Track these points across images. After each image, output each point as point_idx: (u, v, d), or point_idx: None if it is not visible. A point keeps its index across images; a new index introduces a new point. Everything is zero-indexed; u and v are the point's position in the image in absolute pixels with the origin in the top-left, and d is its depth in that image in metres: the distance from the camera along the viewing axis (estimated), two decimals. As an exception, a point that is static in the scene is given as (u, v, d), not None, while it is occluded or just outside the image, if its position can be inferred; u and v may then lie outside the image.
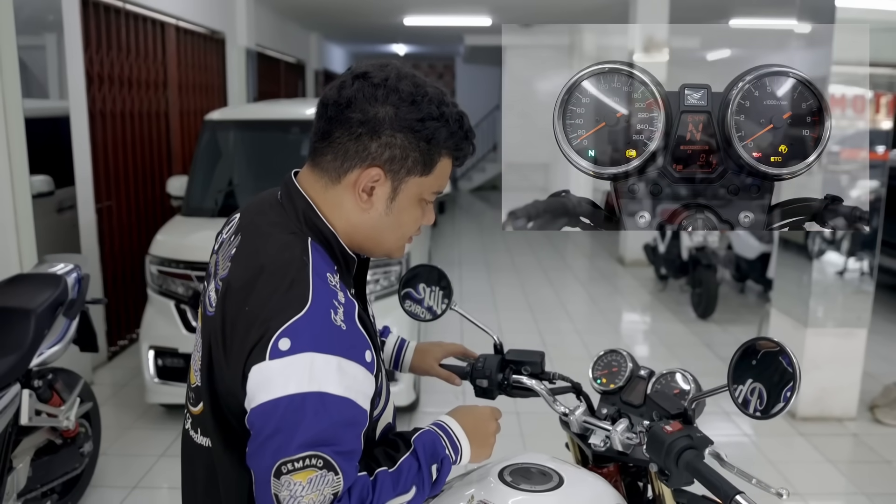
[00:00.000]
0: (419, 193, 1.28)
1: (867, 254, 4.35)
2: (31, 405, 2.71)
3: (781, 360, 1.24)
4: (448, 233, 11.03)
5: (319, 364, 1.10)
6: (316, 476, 1.10)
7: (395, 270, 4.24)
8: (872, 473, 3.83)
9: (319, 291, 1.16)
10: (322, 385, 1.10)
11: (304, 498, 1.09)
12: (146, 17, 5.92)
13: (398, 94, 1.22)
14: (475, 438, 1.35)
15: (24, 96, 3.92)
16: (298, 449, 1.09)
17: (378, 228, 1.29)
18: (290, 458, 1.09)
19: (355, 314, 1.19)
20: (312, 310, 1.13)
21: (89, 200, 5.03)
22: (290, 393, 1.09)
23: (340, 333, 1.14)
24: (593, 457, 1.55)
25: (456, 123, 1.27)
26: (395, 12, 10.62)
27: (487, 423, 1.40)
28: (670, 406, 1.37)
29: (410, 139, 1.22)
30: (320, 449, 1.10)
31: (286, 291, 1.15)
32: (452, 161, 1.31)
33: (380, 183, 1.24)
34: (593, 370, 1.69)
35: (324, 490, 1.10)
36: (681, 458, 1.23)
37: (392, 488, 1.20)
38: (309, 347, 1.10)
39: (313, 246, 1.23)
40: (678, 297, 7.29)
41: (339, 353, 1.12)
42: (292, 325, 1.11)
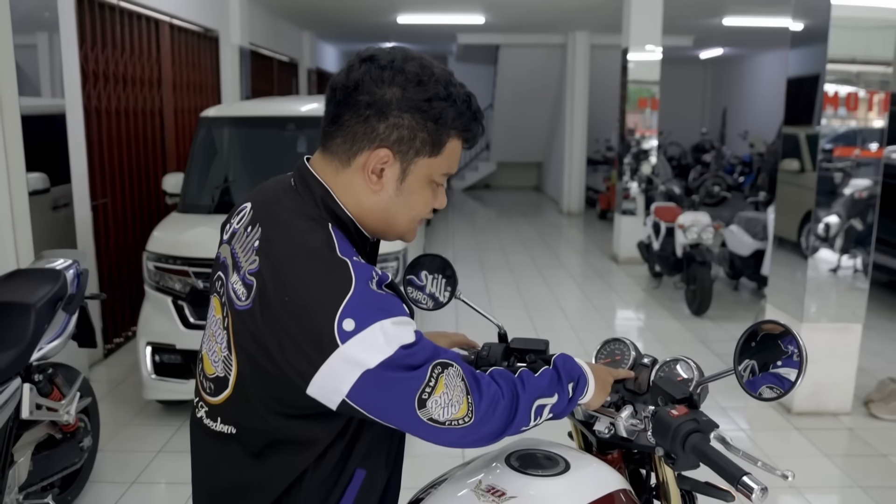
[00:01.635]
0: (429, 175, 1.30)
1: (861, 250, 4.38)
2: (32, 399, 2.71)
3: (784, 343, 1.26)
4: (441, 231, 11.04)
5: (388, 328, 1.15)
6: (446, 378, 1.19)
7: (392, 266, 4.25)
8: (868, 467, 3.86)
9: (358, 269, 1.19)
10: (400, 341, 1.16)
11: (452, 398, 1.19)
12: (140, 14, 5.91)
13: (404, 75, 1.23)
14: (598, 382, 1.44)
15: (19, 94, 3.92)
16: (420, 376, 1.17)
17: (389, 210, 1.31)
18: (422, 386, 1.17)
19: (386, 280, 1.24)
20: (359, 287, 1.17)
21: (85, 198, 5.02)
22: (379, 362, 1.14)
23: (387, 298, 1.20)
24: (598, 444, 1.56)
25: (464, 104, 1.27)
26: (388, 10, 10.62)
27: (607, 373, 1.50)
28: (676, 391, 1.38)
29: (418, 119, 1.24)
30: (430, 362, 1.19)
31: (327, 275, 1.18)
32: (462, 143, 1.31)
33: (389, 164, 1.26)
34: (596, 358, 1.71)
35: (457, 382, 1.20)
36: (687, 442, 1.24)
37: (538, 385, 1.31)
38: (373, 319, 1.15)
39: (334, 230, 1.25)
40: (672, 294, 7.32)
41: (394, 314, 1.17)
42: (348, 306, 1.15)
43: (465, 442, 1.22)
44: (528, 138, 15.94)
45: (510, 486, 1.29)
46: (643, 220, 8.54)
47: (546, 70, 14.31)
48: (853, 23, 4.20)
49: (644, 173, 9.05)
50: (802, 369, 1.20)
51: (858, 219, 4.38)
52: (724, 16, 10.77)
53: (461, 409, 1.20)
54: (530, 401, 1.28)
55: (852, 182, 4.35)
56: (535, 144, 16.22)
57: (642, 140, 9.10)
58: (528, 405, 1.28)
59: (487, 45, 14.05)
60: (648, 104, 8.98)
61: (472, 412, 1.20)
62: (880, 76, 4.30)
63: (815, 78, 4.39)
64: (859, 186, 4.35)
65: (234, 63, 8.26)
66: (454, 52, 16.56)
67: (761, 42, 14.38)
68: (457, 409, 1.19)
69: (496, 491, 1.28)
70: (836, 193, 4.34)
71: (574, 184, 13.32)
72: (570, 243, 10.67)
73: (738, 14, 10.62)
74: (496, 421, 1.23)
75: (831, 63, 4.23)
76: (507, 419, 1.24)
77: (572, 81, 13.00)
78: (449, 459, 3.90)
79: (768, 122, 14.60)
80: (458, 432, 1.20)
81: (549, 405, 1.32)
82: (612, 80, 10.73)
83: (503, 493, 1.27)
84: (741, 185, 13.46)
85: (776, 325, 1.26)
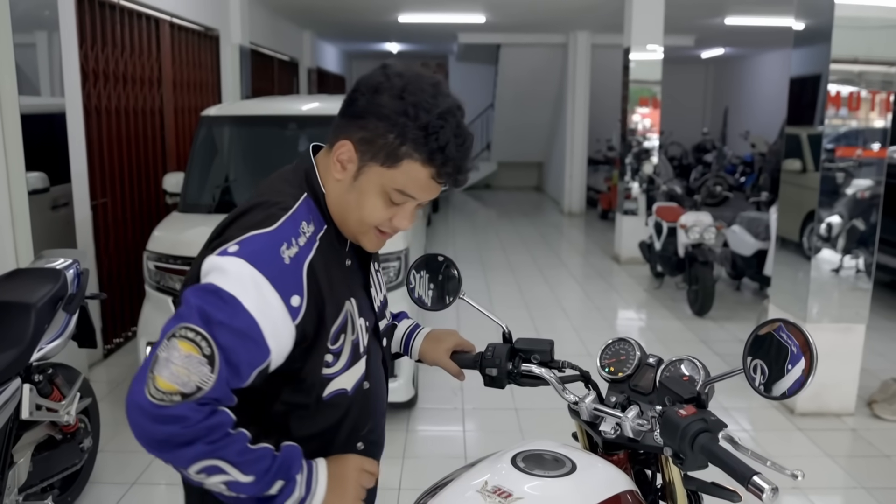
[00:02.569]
0: (380, 184, 1.33)
1: (864, 251, 4.36)
2: (32, 400, 2.69)
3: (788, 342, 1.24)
4: (442, 231, 11.03)
5: (246, 274, 1.21)
6: (195, 357, 1.16)
7: (393, 266, 4.23)
8: (871, 467, 3.84)
9: (286, 226, 1.29)
10: (238, 291, 1.20)
11: (174, 365, 1.15)
12: (141, 13, 5.90)
13: (391, 87, 1.30)
14: (335, 486, 1.33)
15: (19, 93, 3.91)
16: (196, 320, 1.17)
17: (342, 202, 1.38)
18: (186, 324, 1.17)
19: (306, 261, 1.29)
20: (270, 234, 1.27)
21: (85, 197, 5.01)
22: (213, 283, 1.21)
23: (280, 264, 1.25)
24: (603, 444, 1.55)
25: (434, 137, 1.28)
26: (389, 9, 10.61)
27: (354, 473, 1.37)
28: (683, 391, 1.36)
29: (381, 128, 1.29)
30: (213, 339, 1.17)
31: (260, 216, 1.31)
32: (431, 173, 1.31)
33: (349, 158, 1.34)
34: (601, 359, 1.69)
35: (192, 375, 1.15)
36: (696, 442, 1.22)
37: (239, 455, 1.21)
38: (246, 257, 1.23)
39: (306, 200, 1.37)
40: (674, 294, 7.30)
41: (266, 276, 1.23)
42: (247, 238, 1.26)
43: (132, 406, 1.16)
44: (529, 138, 15.92)
45: (517, 487, 1.27)
46: (645, 220, 8.52)
47: (547, 70, 14.29)
48: (857, 22, 4.18)
49: (645, 173, 9.03)
50: (812, 368, 1.19)
51: (861, 219, 4.36)
52: (726, 15, 10.75)
53: (164, 383, 1.14)
54: (206, 455, 1.18)
55: (854, 182, 4.33)
56: (536, 144, 16.20)
57: (643, 139, 9.09)
58: (199, 456, 1.18)
59: (488, 44, 14.03)
60: (650, 104, 8.97)
61: (160, 402, 1.14)
62: (884, 76, 4.29)
63: (818, 78, 4.37)
64: (861, 186, 4.34)
65: (235, 62, 8.24)
66: (455, 51, 16.55)
67: (763, 42, 14.36)
68: (165, 375, 1.15)
69: (503, 492, 1.26)
70: (838, 193, 4.32)
71: (575, 184, 13.30)
72: (572, 243, 10.66)
73: (740, 14, 10.60)
74: (164, 432, 1.15)
75: (834, 63, 4.22)
76: (169, 442, 1.16)
77: (573, 81, 12.98)
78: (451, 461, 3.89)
79: (770, 122, 14.58)
80: (143, 395, 1.15)
81: (232, 478, 1.21)
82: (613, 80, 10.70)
83: (510, 494, 1.25)
84: (742, 185, 13.45)
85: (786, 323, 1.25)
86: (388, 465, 3.80)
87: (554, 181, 15.14)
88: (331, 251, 1.37)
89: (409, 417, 4.35)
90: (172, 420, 1.14)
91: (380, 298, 1.57)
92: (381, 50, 17.42)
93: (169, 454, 1.17)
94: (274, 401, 1.37)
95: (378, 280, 1.59)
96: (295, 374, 1.34)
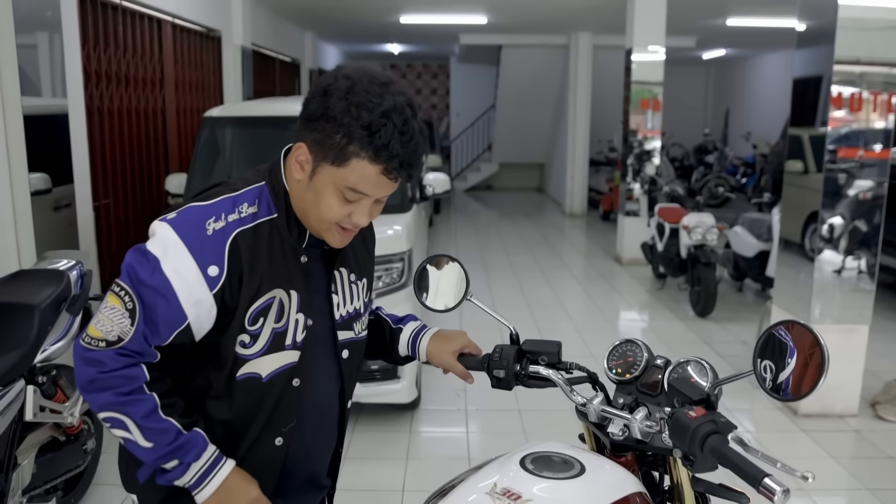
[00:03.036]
0: (333, 182, 1.38)
1: (866, 252, 4.36)
2: (36, 401, 2.69)
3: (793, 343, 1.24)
4: (444, 232, 11.02)
5: (169, 238, 1.35)
6: (118, 309, 1.34)
7: (396, 268, 4.23)
8: (875, 469, 3.84)
9: (223, 203, 1.40)
10: (160, 253, 1.34)
11: (101, 315, 1.35)
12: (143, 14, 5.90)
13: (338, 89, 1.34)
14: (223, 496, 1.42)
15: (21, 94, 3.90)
16: (124, 277, 1.36)
17: (302, 200, 1.44)
18: (117, 280, 1.37)
19: (231, 236, 1.37)
20: (203, 207, 1.39)
21: (87, 198, 5.00)
22: (145, 244, 1.37)
23: (202, 234, 1.36)
24: (611, 446, 1.54)
25: (378, 135, 1.32)
26: (390, 11, 10.60)
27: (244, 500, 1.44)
28: (692, 392, 1.36)
29: (329, 129, 1.34)
30: (136, 295, 1.34)
31: (206, 196, 1.43)
32: (381, 170, 1.35)
33: (305, 160, 1.40)
34: (608, 360, 1.68)
35: (114, 326, 1.34)
36: (706, 443, 1.22)
37: (144, 419, 1.35)
38: (174, 225, 1.36)
39: (260, 187, 1.46)
40: (676, 295, 7.30)
41: (186, 243, 1.34)
42: (184, 208, 1.40)
43: (74, 349, 1.37)
44: (531, 139, 15.92)
45: (526, 489, 1.27)
46: (647, 222, 8.52)
47: (549, 71, 14.29)
48: (860, 23, 4.18)
49: (647, 174, 9.03)
50: (824, 370, 1.18)
51: (863, 220, 4.35)
52: (728, 16, 10.74)
53: (93, 331, 1.35)
54: (115, 406, 1.35)
55: (856, 183, 4.33)
56: (538, 145, 16.19)
57: (645, 141, 9.08)
58: (108, 404, 1.35)
59: (490, 45, 14.03)
60: (651, 105, 8.96)
61: (87, 346, 1.34)
62: (887, 77, 4.28)
63: (821, 79, 4.37)
64: (863, 187, 4.33)
65: (237, 63, 8.24)
66: (456, 52, 16.55)
67: (764, 43, 14.36)
68: (95, 323, 1.35)
69: (512, 494, 1.26)
70: (841, 195, 4.32)
71: (577, 185, 13.30)
72: (573, 244, 10.65)
73: (742, 15, 10.59)
74: (87, 373, 1.33)
75: (838, 64, 4.21)
76: (92, 385, 1.34)
77: (575, 82, 12.98)
78: (455, 462, 3.89)
79: (771, 123, 14.57)
80: (79, 339, 1.36)
81: (129, 439, 1.36)
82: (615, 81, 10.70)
83: (519, 497, 1.25)
84: (744, 186, 13.44)
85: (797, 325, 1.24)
86: (392, 466, 3.80)
87: (555, 182, 15.14)
88: (275, 239, 1.44)
89: (412, 419, 4.34)
90: (93, 363, 1.33)
91: (347, 309, 1.59)
92: (383, 51, 17.42)
93: (88, 396, 1.35)
94: (196, 374, 1.46)
95: (348, 291, 1.60)
96: (214, 347, 1.42)
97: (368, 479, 3.67)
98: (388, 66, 19.64)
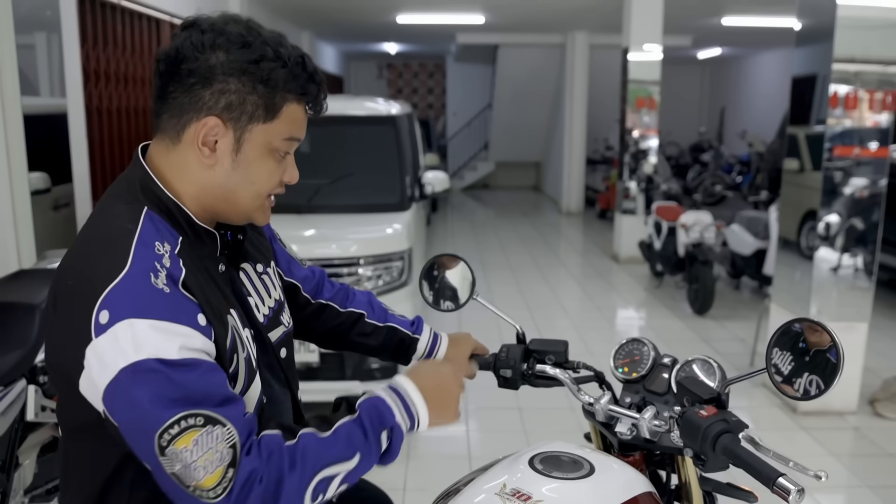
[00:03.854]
0: (268, 142, 1.20)
1: (863, 250, 4.37)
2: (37, 401, 2.67)
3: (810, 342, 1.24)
4: (441, 231, 11.02)
5: (142, 329, 1.03)
6: (201, 435, 1.02)
7: (396, 266, 4.23)
8: (875, 466, 3.85)
9: (139, 255, 1.09)
10: (152, 350, 1.03)
11: (198, 461, 1.01)
12: (142, 14, 5.88)
13: (226, 37, 1.16)
14: (435, 402, 1.27)
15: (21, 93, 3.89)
16: (164, 414, 1.01)
17: (227, 186, 1.21)
18: (162, 427, 1.00)
19: (180, 279, 1.11)
20: (129, 275, 1.06)
21: (86, 197, 4.99)
22: (123, 367, 1.01)
23: (162, 296, 1.07)
24: (619, 445, 1.54)
25: (298, 65, 1.20)
26: (387, 10, 10.60)
27: (449, 385, 1.31)
28: (702, 391, 1.36)
29: (245, 83, 1.16)
30: (189, 408, 1.02)
31: (103, 261, 1.09)
32: (304, 107, 1.23)
33: (220, 134, 1.17)
34: (614, 359, 1.68)
35: (218, 446, 1.03)
36: (718, 443, 1.22)
37: (325, 452, 1.12)
38: (127, 314, 1.03)
39: (148, 214, 1.16)
40: (674, 293, 7.31)
41: (160, 317, 1.05)
42: (108, 295, 1.04)
43: None
44: (527, 138, 15.93)
45: (536, 490, 1.26)
46: (644, 220, 8.52)
47: (545, 70, 14.30)
48: (859, 22, 4.19)
49: (644, 172, 9.04)
50: (840, 368, 1.18)
51: (859, 218, 4.36)
52: (724, 15, 10.76)
53: (209, 479, 1.02)
54: (306, 478, 1.09)
55: (853, 181, 4.34)
56: (534, 144, 16.20)
57: (641, 139, 9.09)
58: (301, 485, 1.08)
59: (486, 44, 14.03)
60: (647, 104, 8.97)
61: (225, 490, 1.03)
62: (886, 75, 4.29)
63: (821, 77, 4.37)
64: (860, 185, 4.34)
65: (234, 63, 8.23)
66: (453, 52, 16.54)
67: (759, 42, 14.38)
68: (202, 475, 1.02)
69: (522, 495, 1.25)
70: (837, 192, 4.33)
71: (573, 183, 13.31)
72: (571, 243, 10.66)
73: (738, 13, 10.61)
74: (256, 501, 1.05)
75: (837, 62, 4.22)
76: (270, 501, 1.06)
77: (571, 81, 12.99)
78: (455, 461, 3.89)
79: (766, 122, 14.59)
80: None
81: (343, 473, 1.14)
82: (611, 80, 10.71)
83: (529, 497, 1.25)
84: (739, 184, 13.46)
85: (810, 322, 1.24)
86: (393, 466, 3.78)
87: (552, 181, 15.15)
88: (196, 264, 1.19)
89: (412, 418, 4.34)
90: (247, 488, 1.04)
91: (268, 305, 1.40)
92: (380, 50, 17.41)
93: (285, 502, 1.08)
94: None
95: (260, 285, 1.40)
96: None
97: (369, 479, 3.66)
98: (385, 66, 19.66)
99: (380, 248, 4.23)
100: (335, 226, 4.36)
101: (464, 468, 1.48)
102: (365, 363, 4.00)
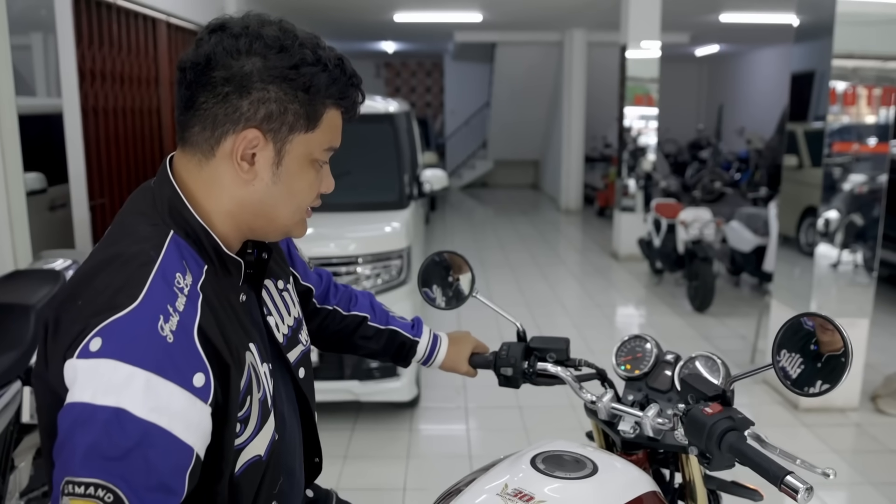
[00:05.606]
0: (309, 153, 1.12)
1: (865, 246, 4.35)
2: (33, 403, 2.65)
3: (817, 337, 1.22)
4: (440, 230, 11.00)
5: (122, 375, 0.91)
6: None
7: (394, 265, 4.20)
8: (877, 463, 3.83)
9: (155, 292, 0.98)
10: (120, 401, 0.90)
11: None
12: (138, 13, 5.85)
13: (263, 42, 1.06)
14: None
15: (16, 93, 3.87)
16: (82, 469, 0.89)
17: (267, 203, 1.12)
18: (73, 478, 0.89)
19: (194, 328, 0.99)
20: (137, 311, 0.95)
21: (83, 198, 4.96)
22: (83, 400, 0.91)
23: (163, 346, 0.95)
24: (622, 444, 1.52)
25: (337, 68, 1.11)
26: (385, 9, 10.57)
27: None
28: (707, 388, 1.33)
29: (286, 90, 1.07)
30: (111, 479, 0.88)
31: (117, 288, 0.98)
32: (342, 113, 1.15)
33: (260, 147, 1.08)
34: (617, 356, 1.66)
35: None
36: (723, 441, 1.20)
37: None
38: (116, 354, 0.92)
39: (174, 240, 1.06)
40: (673, 290, 7.29)
41: (150, 368, 0.93)
42: (109, 325, 0.94)
43: None
44: (526, 136, 15.91)
45: (538, 490, 1.24)
46: (643, 217, 8.50)
47: (543, 68, 14.28)
48: (859, 18, 4.17)
49: (643, 170, 9.02)
50: (848, 364, 1.16)
51: (859, 214, 4.35)
52: (722, 11, 10.74)
53: None
54: None
55: (853, 177, 4.32)
56: (533, 142, 16.19)
57: (640, 137, 9.07)
58: None
59: (484, 42, 14.01)
60: (645, 101, 8.95)
61: None
62: (885, 71, 4.27)
63: (819, 73, 4.35)
64: (860, 181, 4.32)
65: (231, 62, 8.21)
66: (450, 50, 16.52)
67: (757, 38, 14.36)
68: None
69: (524, 495, 1.23)
70: (839, 189, 4.31)
71: (572, 181, 13.29)
72: (570, 241, 10.64)
73: (736, 10, 10.59)
74: None
75: (836, 59, 4.20)
76: None
77: (569, 79, 12.97)
78: (455, 460, 3.87)
79: (764, 119, 14.58)
80: None
81: None
82: (610, 78, 10.69)
83: (531, 497, 1.22)
84: (737, 181, 13.44)
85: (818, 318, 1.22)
86: (393, 464, 3.78)
87: (551, 179, 15.13)
88: (219, 296, 1.09)
89: (412, 417, 4.32)
90: None
91: (287, 324, 1.32)
92: (377, 49, 17.39)
93: None
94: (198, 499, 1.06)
95: (281, 303, 1.32)
96: (207, 458, 1.03)
97: (369, 478, 3.65)
98: (382, 65, 19.63)
99: (378, 246, 4.20)
100: (333, 224, 4.34)
101: (464, 467, 1.45)
102: (364, 363, 3.98)
